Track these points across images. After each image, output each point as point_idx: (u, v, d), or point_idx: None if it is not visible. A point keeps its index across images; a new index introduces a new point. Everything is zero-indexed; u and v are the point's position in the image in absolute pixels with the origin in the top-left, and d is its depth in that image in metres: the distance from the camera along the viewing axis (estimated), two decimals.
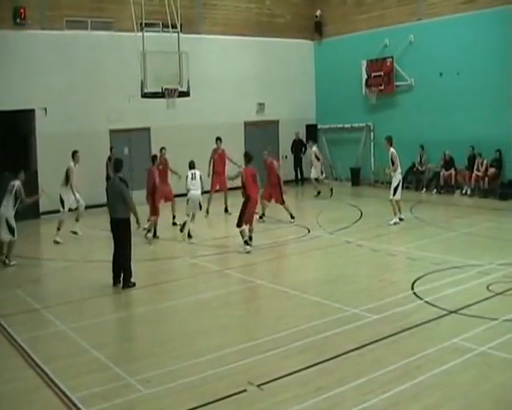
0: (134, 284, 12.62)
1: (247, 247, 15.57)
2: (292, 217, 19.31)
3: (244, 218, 15.73)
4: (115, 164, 13.14)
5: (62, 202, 18.19)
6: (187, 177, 18.01)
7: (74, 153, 18.28)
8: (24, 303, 11.95)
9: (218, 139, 22.03)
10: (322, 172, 25.05)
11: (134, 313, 11.48)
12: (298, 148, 29.09)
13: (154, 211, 17.79)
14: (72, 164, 18.02)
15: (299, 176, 29.17)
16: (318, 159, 24.70)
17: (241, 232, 15.65)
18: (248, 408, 7.24)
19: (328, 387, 7.57)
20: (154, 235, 17.93)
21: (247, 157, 16.55)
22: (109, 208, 12.94)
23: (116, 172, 12.97)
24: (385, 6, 27.22)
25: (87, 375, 8.31)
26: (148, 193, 18.02)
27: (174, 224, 19.46)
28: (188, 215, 17.83)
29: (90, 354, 9.09)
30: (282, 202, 19.52)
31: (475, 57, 23.37)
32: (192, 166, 18.24)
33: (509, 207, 20.69)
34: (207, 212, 20.88)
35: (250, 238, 15.92)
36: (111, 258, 13.04)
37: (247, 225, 15.97)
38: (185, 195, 17.86)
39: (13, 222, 15.59)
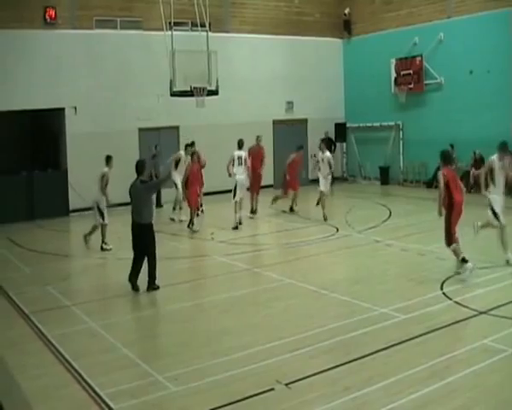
0: (158, 287, 12.39)
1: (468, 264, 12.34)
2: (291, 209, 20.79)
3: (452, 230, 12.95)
4: (136, 166, 12.48)
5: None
6: (233, 160, 18.35)
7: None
8: (54, 300, 12.06)
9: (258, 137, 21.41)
10: (331, 184, 20.82)
11: (162, 311, 11.53)
12: (327, 146, 28.98)
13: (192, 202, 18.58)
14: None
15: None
16: (331, 167, 19.86)
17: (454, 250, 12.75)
18: (276, 407, 7.23)
19: (356, 387, 7.54)
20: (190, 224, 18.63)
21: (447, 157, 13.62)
22: (132, 212, 12.44)
23: (138, 175, 12.41)
24: (414, 4, 27.04)
25: (115, 372, 8.37)
26: (186, 186, 18.73)
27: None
28: (236, 201, 18.08)
29: (118, 351, 9.16)
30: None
31: (506, 55, 23.11)
32: (241, 145, 18.50)
33: None
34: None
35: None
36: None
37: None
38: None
39: (103, 206, 16.38)
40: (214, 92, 20.96)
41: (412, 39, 26.88)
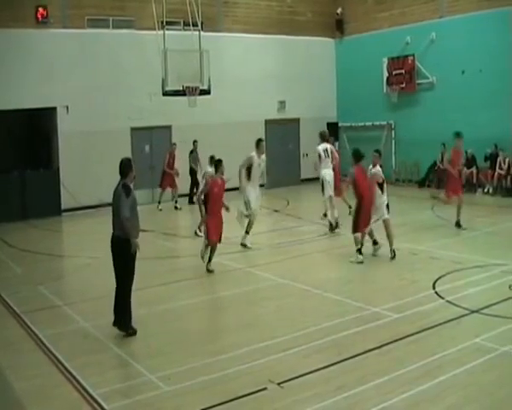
0: (135, 332, 9.77)
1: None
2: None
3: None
4: (120, 166, 9.80)
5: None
6: (319, 155, 17.41)
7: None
8: (46, 300, 12.04)
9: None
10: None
11: (154, 311, 11.50)
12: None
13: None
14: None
15: None
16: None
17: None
18: (269, 406, 7.24)
19: (349, 386, 7.55)
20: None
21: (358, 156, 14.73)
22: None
23: (121, 177, 9.75)
24: (406, 4, 27.08)
25: (108, 372, 8.37)
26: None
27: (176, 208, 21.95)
28: (326, 200, 17.43)
29: (110, 350, 9.16)
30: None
31: (498, 54, 23.17)
32: (325, 137, 17.73)
33: None
34: None
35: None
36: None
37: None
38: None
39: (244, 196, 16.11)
40: (206, 92, 20.97)
41: (404, 39, 26.92)
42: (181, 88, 20.36)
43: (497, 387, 7.54)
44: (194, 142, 23.64)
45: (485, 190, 23.68)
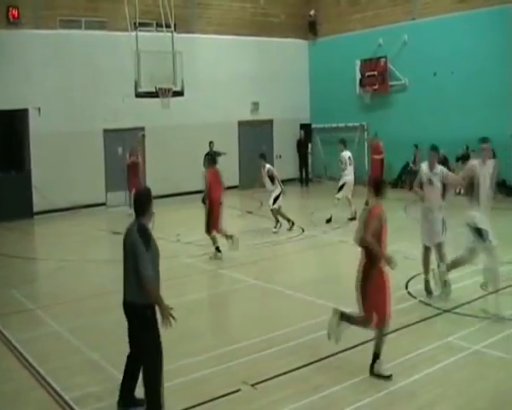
0: None
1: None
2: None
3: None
4: (135, 201, 7.16)
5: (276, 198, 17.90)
6: (341, 161, 18.99)
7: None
8: (18, 303, 11.91)
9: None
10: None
11: None
12: (302, 147, 29.13)
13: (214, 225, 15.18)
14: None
15: (303, 175, 29.18)
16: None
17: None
18: (243, 408, 7.24)
19: (323, 386, 7.58)
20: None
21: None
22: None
23: (137, 215, 7.07)
24: (379, 6, 27.25)
25: (81, 375, 8.30)
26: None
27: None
28: (338, 200, 18.85)
29: (84, 354, 9.08)
30: None
31: (470, 57, 23.42)
32: (345, 145, 19.34)
33: (503, 207, 20.69)
34: None
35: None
36: (107, 257, 12.98)
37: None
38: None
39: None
40: (179, 93, 20.92)
41: (377, 41, 27.09)
42: (154, 89, 20.27)
43: (469, 385, 7.62)
44: (210, 143, 23.60)
45: (457, 190, 23.84)
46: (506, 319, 9.65)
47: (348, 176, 19.01)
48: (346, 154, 19.28)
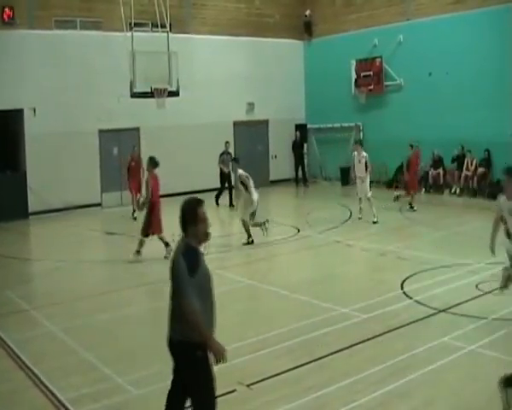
0: None
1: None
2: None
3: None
4: (183, 213, 5.90)
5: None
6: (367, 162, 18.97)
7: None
8: (14, 304, 11.89)
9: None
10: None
11: (124, 314, 11.43)
12: (298, 148, 29.13)
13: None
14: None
15: (299, 176, 29.15)
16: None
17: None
18: (238, 408, 7.24)
19: (318, 386, 7.58)
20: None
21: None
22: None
23: (184, 232, 5.90)
24: (374, 6, 27.26)
25: (76, 376, 8.29)
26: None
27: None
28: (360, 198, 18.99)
29: (79, 354, 9.07)
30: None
31: (464, 57, 23.43)
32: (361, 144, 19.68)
33: None
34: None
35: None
36: (102, 257, 12.97)
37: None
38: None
39: None
40: (175, 93, 20.89)
41: (372, 41, 27.10)
42: (149, 90, 20.24)
43: (463, 385, 7.64)
44: (226, 143, 23.78)
45: (453, 190, 23.94)
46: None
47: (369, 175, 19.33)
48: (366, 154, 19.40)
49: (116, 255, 15.42)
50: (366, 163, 19.05)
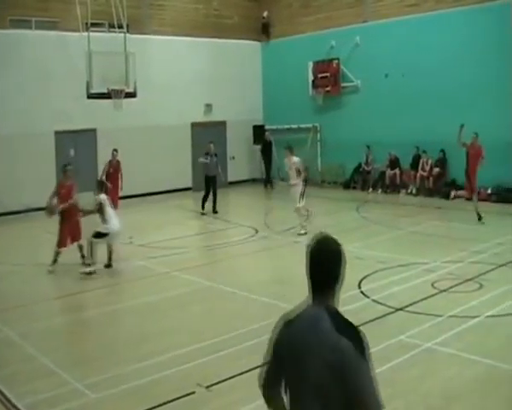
0: None
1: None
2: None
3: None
4: (339, 260, 3.79)
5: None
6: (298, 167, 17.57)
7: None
8: None
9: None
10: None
11: (81, 317, 11.34)
12: (268, 149, 29.07)
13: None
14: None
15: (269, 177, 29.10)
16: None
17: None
18: None
19: None
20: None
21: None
22: None
23: (318, 294, 3.74)
24: (332, 8, 27.43)
25: (34, 381, 8.18)
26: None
27: None
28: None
29: (36, 359, 8.95)
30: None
31: (420, 59, 23.70)
32: (292, 151, 18.08)
33: (452, 206, 21.09)
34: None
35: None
36: (59, 260, 12.82)
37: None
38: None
39: None
40: (132, 94, 20.76)
41: (329, 43, 27.28)
42: (106, 91, 20.10)
43: (420, 382, 7.75)
44: (210, 143, 22.56)
45: (409, 190, 24.25)
46: None
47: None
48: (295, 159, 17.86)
49: (73, 258, 15.24)
50: (299, 170, 17.56)
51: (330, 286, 3.59)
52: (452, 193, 21.83)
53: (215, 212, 21.18)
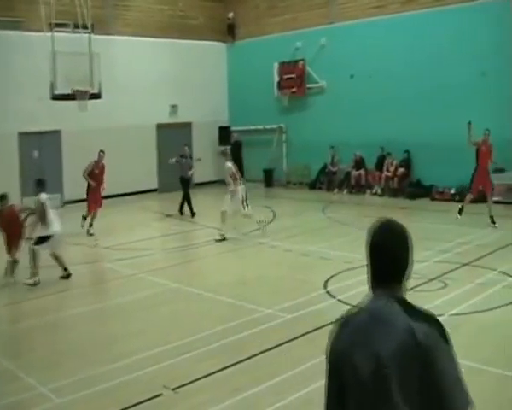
0: None
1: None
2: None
3: None
4: (407, 246, 3.16)
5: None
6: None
7: None
8: None
9: None
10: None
11: (46, 321, 11.20)
12: (236, 150, 28.98)
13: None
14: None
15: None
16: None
17: None
18: None
19: (244, 388, 7.62)
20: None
21: None
22: None
23: (394, 283, 3.16)
24: (297, 9, 27.54)
25: None
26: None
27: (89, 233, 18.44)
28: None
29: (1, 364, 8.83)
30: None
31: (387, 60, 23.90)
32: (227, 156, 17.85)
33: (417, 206, 21.31)
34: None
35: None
36: (24, 263, 12.70)
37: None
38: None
39: None
40: (97, 95, 20.61)
41: (295, 44, 27.39)
42: (71, 92, 19.92)
43: None
44: (185, 146, 22.72)
45: (374, 191, 24.45)
46: None
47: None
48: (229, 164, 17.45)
49: (40, 261, 15.08)
50: (234, 175, 17.18)
51: (397, 275, 3.14)
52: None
53: (193, 214, 20.89)
